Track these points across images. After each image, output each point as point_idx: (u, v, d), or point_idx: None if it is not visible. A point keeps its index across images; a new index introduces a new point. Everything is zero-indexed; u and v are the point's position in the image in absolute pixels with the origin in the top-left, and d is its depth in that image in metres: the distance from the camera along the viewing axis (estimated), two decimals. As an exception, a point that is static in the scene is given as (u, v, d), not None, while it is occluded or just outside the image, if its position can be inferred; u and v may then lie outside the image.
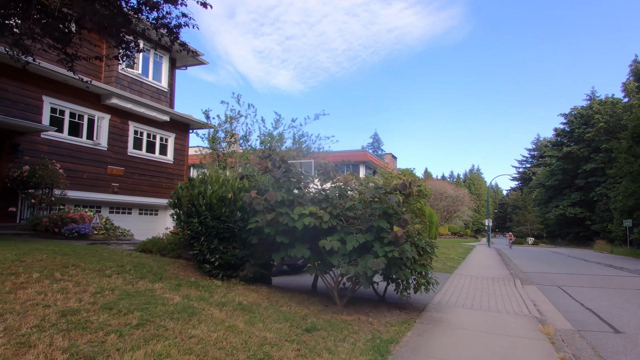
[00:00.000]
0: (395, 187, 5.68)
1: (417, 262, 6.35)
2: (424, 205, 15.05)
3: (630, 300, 9.59)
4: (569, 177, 55.94)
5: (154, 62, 15.62)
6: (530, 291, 10.77)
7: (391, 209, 5.31)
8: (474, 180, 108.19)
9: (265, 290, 6.26)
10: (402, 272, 5.79)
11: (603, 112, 48.42)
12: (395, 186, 5.69)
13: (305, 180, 5.41)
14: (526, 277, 13.99)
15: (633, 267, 18.85)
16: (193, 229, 6.24)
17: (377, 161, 30.30)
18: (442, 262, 15.95)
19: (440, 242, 31.84)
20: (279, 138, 16.81)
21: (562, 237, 59.29)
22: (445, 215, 46.81)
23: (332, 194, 5.08)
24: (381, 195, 5.22)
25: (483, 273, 13.82)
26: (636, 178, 27.14)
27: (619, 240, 38.93)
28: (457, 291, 9.62)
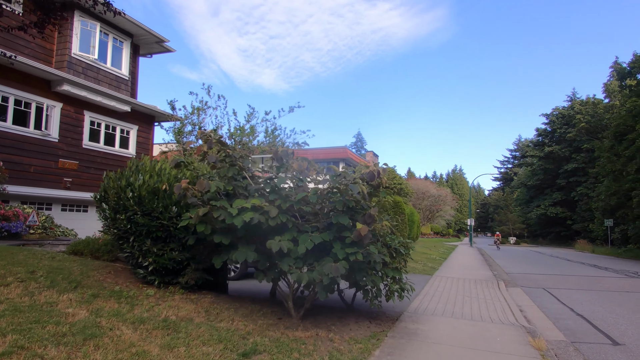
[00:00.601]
0: (362, 176, 4.74)
1: (389, 266, 5.43)
2: (403, 203, 14.18)
3: (623, 304, 8.88)
4: (551, 177, 56.24)
5: (113, 47, 14.37)
6: (516, 294, 9.99)
7: (353, 202, 4.37)
8: (456, 180, 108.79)
9: (208, 301, 5.23)
10: (369, 278, 4.86)
11: (584, 112, 48.71)
12: (362, 175, 4.74)
13: (248, 167, 4.38)
14: (510, 278, 13.27)
15: (617, 267, 18.41)
16: (120, 227, 5.17)
17: (358, 158, 29.44)
18: (423, 263, 15.15)
19: (421, 242, 31.13)
20: (250, 131, 15.73)
21: (543, 236, 59.62)
22: (428, 214, 46.35)
23: (281, 183, 4.10)
24: (341, 185, 4.27)
25: (465, 275, 13.04)
26: (618, 177, 26.95)
27: (600, 240, 39.03)
28: (437, 296, 8.75)
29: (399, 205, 14.10)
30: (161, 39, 15.13)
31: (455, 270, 14.15)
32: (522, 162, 75.20)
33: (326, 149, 29.26)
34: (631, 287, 11.75)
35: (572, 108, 52.96)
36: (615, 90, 47.06)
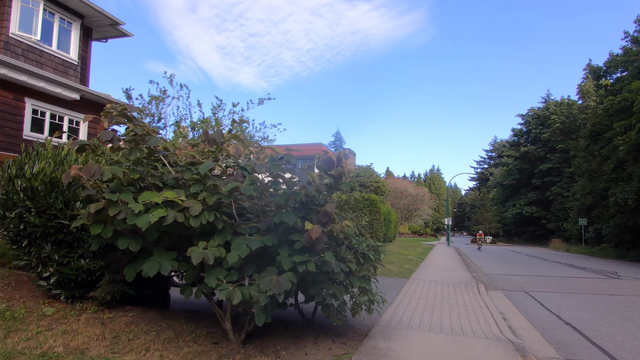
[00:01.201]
0: (317, 164, 3.77)
1: (356, 274, 4.47)
2: (379, 202, 13.31)
3: (611, 309, 8.22)
4: (526, 177, 56.86)
5: (60, 28, 12.95)
6: (497, 299, 9.24)
7: (303, 195, 3.40)
8: (434, 180, 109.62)
9: (126, 321, 4.16)
10: (328, 292, 3.89)
11: (559, 112, 49.32)
12: (317, 163, 3.78)
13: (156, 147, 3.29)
14: (489, 280, 12.59)
15: (595, 267, 18.10)
16: (10, 228, 4.04)
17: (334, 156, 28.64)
18: (399, 264, 14.34)
19: (399, 242, 30.49)
20: (215, 124, 14.59)
21: (518, 235, 60.27)
22: (406, 214, 45.96)
23: (206, 170, 3.06)
24: (283, 172, 3.27)
25: (443, 277, 12.28)
26: (593, 177, 26.96)
27: (574, 239, 39.39)
28: (412, 303, 7.88)
29: (374, 204, 13.22)
30: (115, 21, 13.79)
31: (433, 272, 13.39)
32: (498, 162, 76.14)
33: (301, 145, 28.24)
34: (614, 289, 11.21)
35: (547, 109, 53.62)
36: (589, 91, 47.79)
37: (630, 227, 23.61)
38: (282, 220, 3.11)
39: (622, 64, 24.61)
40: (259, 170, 3.08)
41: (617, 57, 25.52)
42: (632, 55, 23.70)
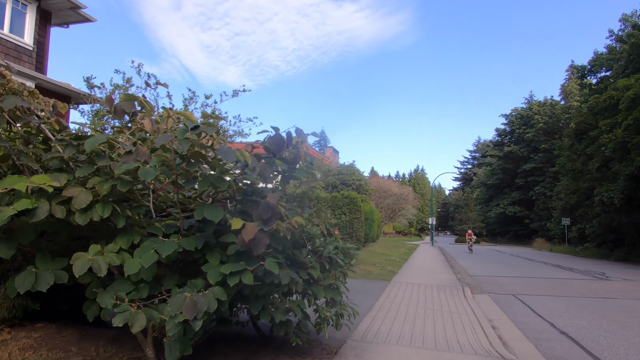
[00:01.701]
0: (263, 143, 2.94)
1: (320, 283, 3.65)
2: (360, 200, 12.54)
3: (606, 315, 7.59)
4: (509, 177, 57.03)
5: (14, 10, 11.83)
6: (484, 304, 8.55)
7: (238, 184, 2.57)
8: (418, 180, 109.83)
9: (23, 344, 3.26)
10: (282, 308, 3.06)
11: (542, 113, 49.54)
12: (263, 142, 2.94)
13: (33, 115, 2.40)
14: (475, 282, 11.96)
15: (582, 268, 17.71)
16: None
17: (315, 153, 27.70)
18: (381, 266, 13.60)
19: (382, 242, 29.81)
20: (187, 117, 13.63)
21: (501, 235, 60.46)
22: (390, 214, 45.45)
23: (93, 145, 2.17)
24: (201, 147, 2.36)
25: (427, 279, 11.58)
26: (577, 176, 26.77)
27: (557, 239, 39.42)
28: (393, 310, 7.10)
29: (355, 202, 12.43)
30: (76, 4, 12.70)
31: (416, 274, 12.69)
32: (481, 162, 76.51)
33: (282, 142, 27.38)
34: (605, 291, 10.67)
35: (531, 109, 53.86)
36: (572, 91, 48.12)
37: (614, 226, 23.42)
38: (204, 215, 2.26)
39: (607, 61, 24.45)
40: (159, 143, 2.23)
41: (602, 56, 25.38)
42: (617, 54, 23.55)
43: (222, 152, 2.19)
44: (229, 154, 2.19)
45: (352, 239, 12.44)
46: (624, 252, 25.79)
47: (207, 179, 2.28)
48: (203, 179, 2.30)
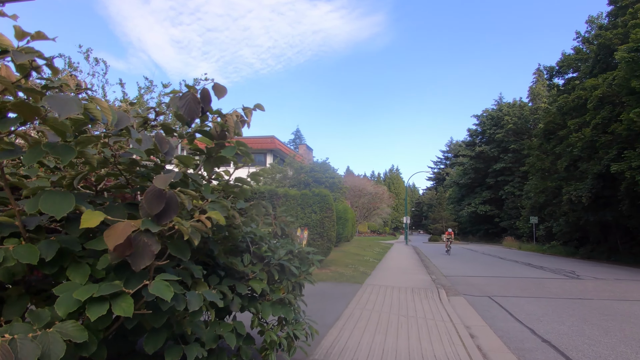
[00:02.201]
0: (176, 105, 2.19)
1: (267, 298, 2.94)
2: (331, 198, 11.88)
3: (587, 319, 7.22)
4: (481, 176, 57.95)
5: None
6: (460, 307, 8.07)
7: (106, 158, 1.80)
8: (393, 180, 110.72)
9: None
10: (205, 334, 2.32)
11: (512, 114, 50.48)
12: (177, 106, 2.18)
13: None
14: (450, 283, 11.54)
15: (552, 266, 17.71)
16: None
17: (288, 150, 26.92)
18: (354, 267, 13.01)
19: (357, 241, 29.36)
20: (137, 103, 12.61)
21: (473, 233, 61.40)
22: (365, 213, 45.17)
23: None
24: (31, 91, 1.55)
25: (401, 281, 11.05)
26: (545, 175, 27.11)
27: (525, 237, 40.14)
28: (363, 319, 6.47)
29: (326, 200, 11.77)
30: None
31: (390, 276, 12.15)
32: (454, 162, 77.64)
33: (252, 138, 26.41)
34: (579, 292, 10.43)
35: (501, 110, 54.84)
36: (539, 93, 49.25)
37: (581, 225, 23.79)
38: (41, 208, 1.47)
39: (575, 62, 24.82)
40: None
41: (570, 57, 25.76)
42: (584, 55, 23.92)
43: (52, 100, 1.36)
44: (64, 103, 1.35)
45: (323, 239, 11.78)
46: (589, 249, 26.32)
47: (35, 148, 1.47)
48: (30, 149, 1.48)
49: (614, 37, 19.45)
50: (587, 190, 19.70)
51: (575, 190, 20.50)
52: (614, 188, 18.96)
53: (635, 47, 15.35)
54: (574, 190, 20.60)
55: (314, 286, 9.57)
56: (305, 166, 20.17)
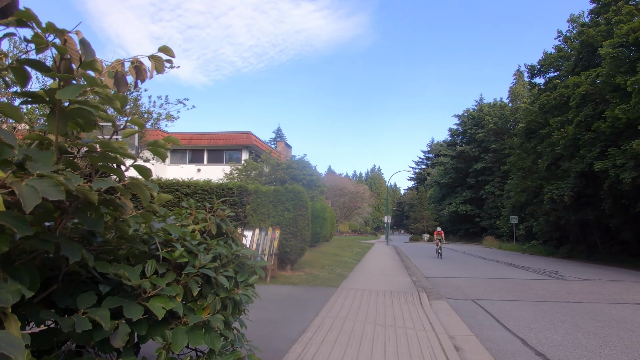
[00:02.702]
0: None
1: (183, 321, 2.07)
2: (306, 194, 11.05)
3: (580, 325, 6.60)
4: (462, 176, 58.10)
5: None
6: (443, 314, 7.36)
7: None
8: (375, 179, 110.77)
9: None
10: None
11: (492, 114, 50.69)
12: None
13: None
14: (431, 285, 10.88)
15: (534, 266, 17.32)
16: None
17: (265, 146, 25.98)
18: (330, 269, 12.22)
19: (336, 241, 28.60)
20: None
21: (453, 233, 61.54)
22: (346, 212, 44.54)
23: None
24: None
25: (380, 284, 10.31)
26: (526, 175, 26.95)
27: (506, 236, 40.23)
28: (335, 329, 5.67)
29: (300, 197, 10.95)
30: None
31: (369, 278, 11.41)
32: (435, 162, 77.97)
33: (227, 133, 25.34)
34: (567, 294, 9.89)
35: (482, 110, 55.07)
36: (520, 93, 49.59)
37: (562, 224, 23.65)
38: None
39: (557, 59, 24.68)
40: None
41: (551, 56, 25.64)
42: (566, 53, 23.78)
43: None
44: None
45: (297, 239, 10.94)
46: (569, 249, 26.28)
47: None
48: None
49: (596, 35, 19.26)
50: (569, 189, 19.46)
51: (557, 189, 20.24)
52: (596, 187, 18.77)
53: (620, 42, 15.09)
54: (556, 189, 20.35)
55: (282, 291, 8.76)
56: (282, 163, 19.29)
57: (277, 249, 10.43)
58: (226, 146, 25.42)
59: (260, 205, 11.24)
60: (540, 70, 26.70)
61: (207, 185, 11.47)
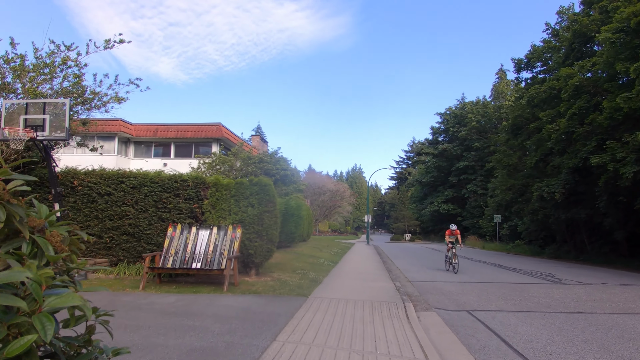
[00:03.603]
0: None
1: None
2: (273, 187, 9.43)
3: (610, 349, 5.22)
4: (444, 175, 57.34)
5: None
6: (435, 331, 5.90)
7: None
8: (355, 179, 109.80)
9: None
10: None
11: (475, 112, 50.03)
12: None
13: None
14: (417, 291, 9.48)
15: (526, 268, 16.15)
16: None
17: (237, 139, 24.15)
18: (302, 273, 10.66)
19: (315, 241, 26.98)
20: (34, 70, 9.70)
21: (435, 232, 60.79)
22: (325, 211, 43.04)
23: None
24: None
25: (359, 291, 8.81)
26: (512, 172, 25.97)
27: (489, 236, 39.46)
28: (299, 355, 4.10)
29: (266, 190, 9.36)
30: None
31: (346, 284, 9.89)
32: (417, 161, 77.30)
33: (196, 125, 23.46)
34: (573, 302, 8.59)
35: (464, 108, 54.42)
36: (503, 91, 49.04)
37: (550, 223, 22.71)
38: None
39: (548, 49, 23.72)
40: None
41: (539, 49, 24.73)
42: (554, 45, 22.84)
43: None
44: None
45: (262, 239, 9.34)
46: (555, 249, 25.42)
47: None
48: None
49: (590, 24, 18.27)
50: (560, 186, 18.40)
51: (548, 187, 19.18)
52: (590, 183, 17.76)
53: (621, 27, 14.03)
54: (546, 187, 19.28)
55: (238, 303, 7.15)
56: (254, 157, 17.61)
57: (238, 251, 8.81)
58: (195, 139, 23.53)
59: (220, 200, 9.59)
60: (527, 64, 25.77)
61: (158, 177, 9.75)
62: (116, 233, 9.61)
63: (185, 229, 9.17)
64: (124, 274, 9.34)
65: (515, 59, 26.34)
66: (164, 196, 9.65)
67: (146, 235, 9.59)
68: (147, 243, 9.61)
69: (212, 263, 8.73)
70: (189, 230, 9.15)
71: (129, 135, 24.18)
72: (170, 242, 9.04)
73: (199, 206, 9.68)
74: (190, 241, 9.02)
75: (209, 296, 7.57)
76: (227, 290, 8.04)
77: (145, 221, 9.60)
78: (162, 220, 9.63)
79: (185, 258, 8.87)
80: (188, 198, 9.67)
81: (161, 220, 9.63)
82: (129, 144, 25.16)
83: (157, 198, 9.65)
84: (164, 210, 9.65)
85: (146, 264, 8.39)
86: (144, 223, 9.59)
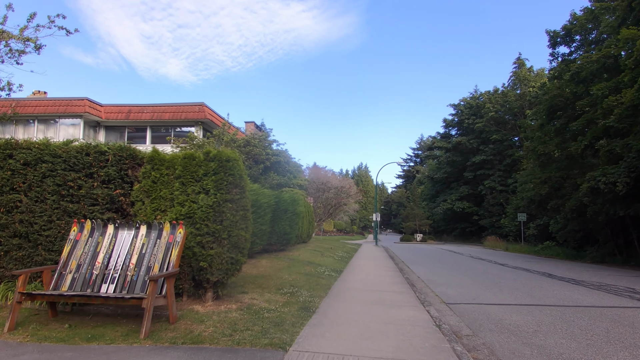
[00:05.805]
0: None
1: None
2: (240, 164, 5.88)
3: None
4: (458, 170, 53.58)
5: None
6: None
7: None
8: (362, 177, 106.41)
9: None
10: None
11: (494, 100, 46.22)
12: None
13: None
14: (466, 325, 6.05)
15: (587, 279, 12.54)
16: None
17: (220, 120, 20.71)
18: (290, 293, 7.23)
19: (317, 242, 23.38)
20: None
21: (447, 232, 57.07)
22: (330, 209, 39.58)
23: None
24: None
25: (375, 333, 5.36)
26: (546, 162, 22.30)
27: (512, 236, 35.75)
28: None
29: (228, 168, 6.01)
30: None
31: (354, 313, 6.44)
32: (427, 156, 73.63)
33: (175, 105, 20.14)
34: None
35: (480, 98, 50.62)
36: (526, 78, 45.13)
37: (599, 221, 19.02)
38: None
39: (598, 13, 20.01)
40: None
41: (581, 17, 21.06)
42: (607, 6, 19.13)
43: None
44: None
45: (222, 245, 5.90)
46: (597, 251, 21.70)
47: None
48: None
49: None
50: (624, 174, 14.77)
51: (604, 176, 15.56)
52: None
53: None
54: (602, 176, 15.67)
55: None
56: (239, 139, 14.18)
57: (177, 264, 5.39)
58: (174, 121, 20.22)
59: (159, 184, 6.18)
60: (565, 37, 22.10)
61: (62, 149, 6.35)
62: (3, 234, 6.25)
63: (98, 228, 5.78)
64: (4, 299, 5.98)
65: (551, 30, 22.62)
66: (70, 177, 6.25)
67: (45, 239, 6.21)
68: (48, 250, 6.24)
69: (133, 285, 5.32)
70: (102, 231, 5.76)
71: (97, 118, 20.84)
72: (72, 248, 5.65)
73: (124, 192, 6.28)
74: (103, 248, 5.63)
75: (109, 353, 4.14)
76: (148, 338, 4.62)
77: (43, 216, 6.22)
78: (69, 215, 6.24)
79: (92, 276, 5.47)
80: (107, 180, 6.27)
81: (67, 214, 6.25)
82: (99, 129, 21.82)
83: (61, 180, 6.25)
84: (70, 200, 6.26)
85: (18, 288, 5.02)
86: (42, 219, 6.21)
